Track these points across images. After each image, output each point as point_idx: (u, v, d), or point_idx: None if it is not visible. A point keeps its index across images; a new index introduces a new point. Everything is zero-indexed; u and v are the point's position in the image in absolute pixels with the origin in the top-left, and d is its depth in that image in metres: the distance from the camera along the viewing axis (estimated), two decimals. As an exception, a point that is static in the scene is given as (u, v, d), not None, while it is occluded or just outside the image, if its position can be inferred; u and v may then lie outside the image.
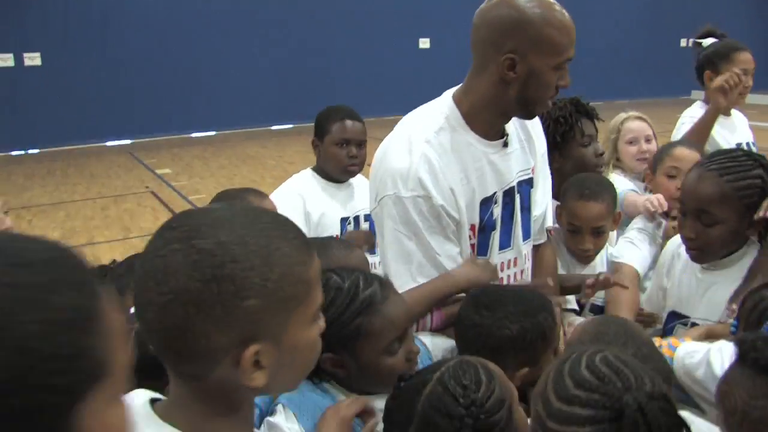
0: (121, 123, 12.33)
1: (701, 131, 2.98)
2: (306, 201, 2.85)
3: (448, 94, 1.92)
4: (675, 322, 1.99)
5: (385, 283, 1.52)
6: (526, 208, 2.04)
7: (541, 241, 2.15)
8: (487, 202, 1.90)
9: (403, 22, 14.81)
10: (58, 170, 10.29)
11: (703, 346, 1.42)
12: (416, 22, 15.07)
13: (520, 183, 1.99)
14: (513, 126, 1.97)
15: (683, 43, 18.55)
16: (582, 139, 2.51)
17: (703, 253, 1.86)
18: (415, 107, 1.96)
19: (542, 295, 1.68)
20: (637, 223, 2.47)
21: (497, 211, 1.93)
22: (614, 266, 2.33)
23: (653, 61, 17.64)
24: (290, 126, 13.86)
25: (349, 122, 2.92)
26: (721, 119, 3.18)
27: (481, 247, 1.93)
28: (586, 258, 2.40)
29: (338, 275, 1.47)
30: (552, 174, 2.19)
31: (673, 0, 18.41)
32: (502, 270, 1.99)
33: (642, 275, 2.33)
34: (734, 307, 1.74)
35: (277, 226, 0.98)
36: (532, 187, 2.06)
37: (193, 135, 13.07)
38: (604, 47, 17.46)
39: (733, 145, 3.12)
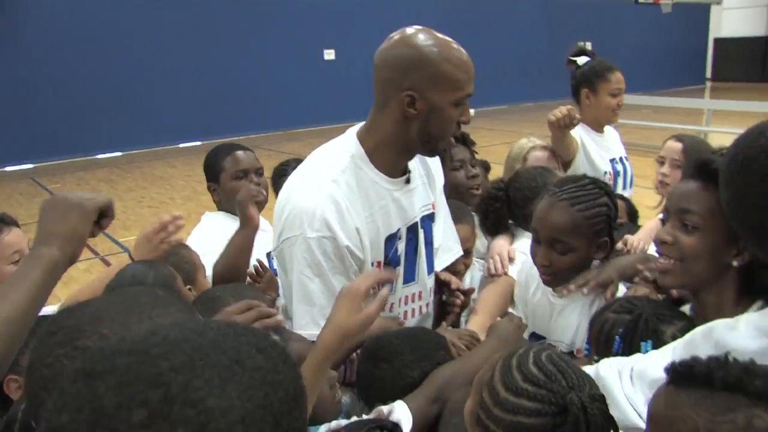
0: (21, 146, 11.79)
1: (559, 150, 3.13)
2: None
3: (352, 132, 1.95)
4: (535, 343, 2.09)
5: (279, 329, 1.56)
6: (430, 243, 2.10)
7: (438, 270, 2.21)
8: (391, 239, 1.94)
9: (307, 33, 14.82)
10: (-48, 200, 9.77)
11: (589, 368, 1.44)
12: (321, 33, 15.11)
13: (423, 218, 2.04)
14: (414, 162, 2.01)
15: (580, 45, 19.32)
16: (452, 164, 2.64)
17: (557, 278, 1.95)
18: (321, 119, 1.99)
19: (435, 333, 1.73)
20: (520, 242, 2.56)
21: (401, 246, 1.97)
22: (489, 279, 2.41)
23: (554, 65, 18.25)
24: (198, 143, 13.63)
25: (240, 153, 2.74)
26: (595, 138, 3.35)
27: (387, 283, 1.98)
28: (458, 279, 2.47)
29: None
30: None
31: (569, 8, 19.14)
32: (406, 303, 2.04)
33: None
34: (571, 287, 1.90)
35: (156, 304, 0.98)
36: (433, 221, 2.12)
37: (98, 156, 12.66)
38: (507, 54, 17.97)
39: (607, 162, 3.30)
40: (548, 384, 1.11)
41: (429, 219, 2.08)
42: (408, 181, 1.97)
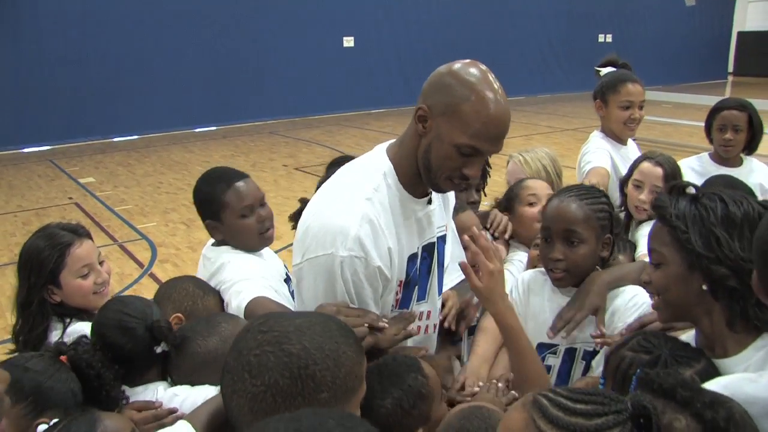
0: (39, 128, 11.86)
1: None
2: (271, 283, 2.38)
3: (382, 149, 1.92)
4: (545, 352, 2.09)
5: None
6: (441, 264, 2.10)
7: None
8: (413, 258, 1.94)
9: (327, 20, 14.79)
10: (-28, 181, 9.84)
11: None
12: (340, 20, 15.07)
13: (438, 239, 2.04)
14: None
15: (600, 38, 19.14)
16: None
17: (569, 274, 2.02)
18: (339, 106, 1.95)
19: (405, 357, 1.72)
20: (516, 255, 2.63)
21: (418, 265, 1.97)
22: None
23: (573, 57, 18.11)
24: (214, 128, 13.67)
25: (242, 185, 2.40)
26: (620, 150, 3.37)
27: (404, 301, 1.97)
28: None
29: None
30: None
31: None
32: (420, 319, 2.04)
33: None
34: (559, 326, 1.96)
35: (342, 333, 1.26)
36: (445, 243, 2.13)
37: (115, 139, 12.72)
38: (526, 44, 17.85)
39: None
40: (596, 399, 1.01)
41: (442, 241, 2.09)
42: (429, 201, 1.96)
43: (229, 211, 2.36)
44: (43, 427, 1.50)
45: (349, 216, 1.76)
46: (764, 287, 1.27)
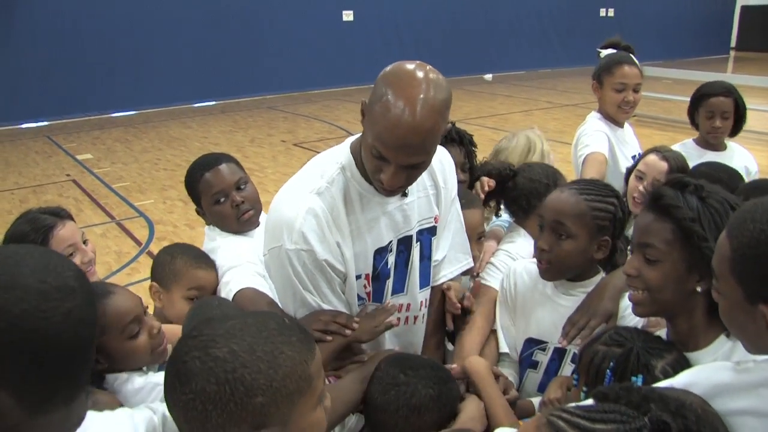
0: (37, 103, 11.76)
1: None
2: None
3: (348, 141, 1.91)
4: (533, 348, 2.06)
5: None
6: (426, 257, 2.07)
7: (439, 282, 2.18)
8: (382, 252, 1.93)
9: (326, -6, 14.65)
10: (-31, 158, 9.76)
11: None
12: (339, -6, 14.93)
13: (420, 231, 2.01)
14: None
15: (602, 12, 18.98)
16: None
17: (553, 267, 1.95)
18: (339, 80, 1.93)
19: (447, 369, 1.84)
20: (506, 245, 2.47)
21: (392, 259, 1.96)
22: (480, 287, 2.32)
23: (574, 31, 17.97)
24: (213, 103, 13.60)
25: (211, 175, 2.41)
26: (617, 133, 3.33)
27: (376, 294, 1.98)
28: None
29: None
30: None
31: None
32: (399, 311, 2.04)
33: None
34: (565, 339, 1.91)
35: (281, 332, 1.18)
36: (433, 235, 2.07)
37: (113, 115, 12.63)
38: (526, 18, 17.71)
39: (629, 158, 3.20)
40: (618, 405, 1.04)
41: (428, 232, 2.05)
42: (405, 194, 1.92)
43: (204, 199, 2.43)
44: None
45: (296, 209, 1.81)
46: (747, 292, 1.18)
